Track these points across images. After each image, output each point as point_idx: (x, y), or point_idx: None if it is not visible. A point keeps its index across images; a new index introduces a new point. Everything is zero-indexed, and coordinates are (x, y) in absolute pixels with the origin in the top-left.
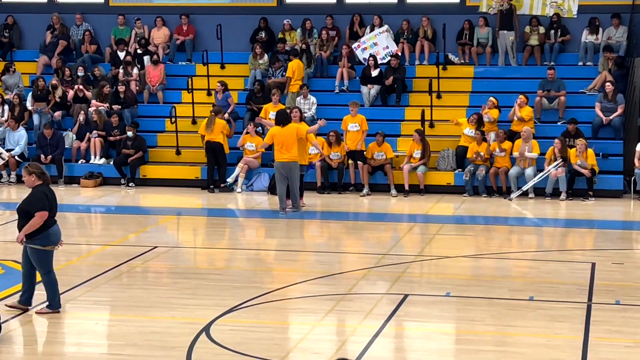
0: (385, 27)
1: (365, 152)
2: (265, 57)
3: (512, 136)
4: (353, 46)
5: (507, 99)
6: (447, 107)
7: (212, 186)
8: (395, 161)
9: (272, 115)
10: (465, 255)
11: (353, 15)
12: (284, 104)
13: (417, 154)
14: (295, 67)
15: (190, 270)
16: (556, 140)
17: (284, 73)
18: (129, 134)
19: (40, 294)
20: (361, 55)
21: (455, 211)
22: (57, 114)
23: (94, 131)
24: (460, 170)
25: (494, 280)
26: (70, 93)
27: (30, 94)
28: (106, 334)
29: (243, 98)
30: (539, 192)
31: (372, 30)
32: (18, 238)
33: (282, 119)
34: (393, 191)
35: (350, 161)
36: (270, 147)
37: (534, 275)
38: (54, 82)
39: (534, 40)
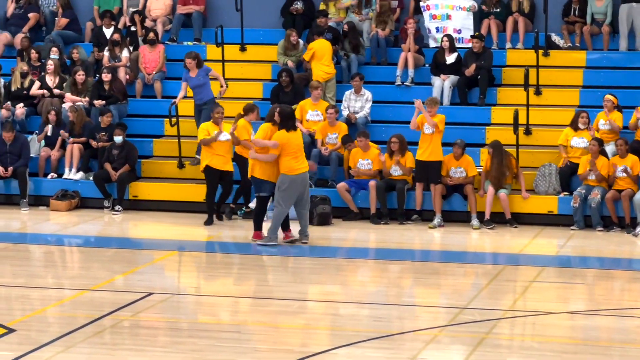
0: (472, 2)
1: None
2: (301, 44)
3: (638, 148)
4: (421, 4)
5: (631, 97)
6: (549, 107)
7: (221, 212)
8: (478, 180)
9: (310, 116)
10: (574, 311)
11: None
12: (328, 102)
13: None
14: (317, 47)
15: (197, 325)
16: None
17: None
18: (117, 139)
19: None
20: (427, 21)
21: (560, 250)
22: (20, 111)
23: (62, 132)
24: (566, 193)
25: (612, 345)
26: (37, 84)
27: None
28: None
29: (269, 92)
30: None
31: None
32: None
33: (288, 121)
34: (475, 221)
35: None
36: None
37: None
38: (24, 68)
39: None
